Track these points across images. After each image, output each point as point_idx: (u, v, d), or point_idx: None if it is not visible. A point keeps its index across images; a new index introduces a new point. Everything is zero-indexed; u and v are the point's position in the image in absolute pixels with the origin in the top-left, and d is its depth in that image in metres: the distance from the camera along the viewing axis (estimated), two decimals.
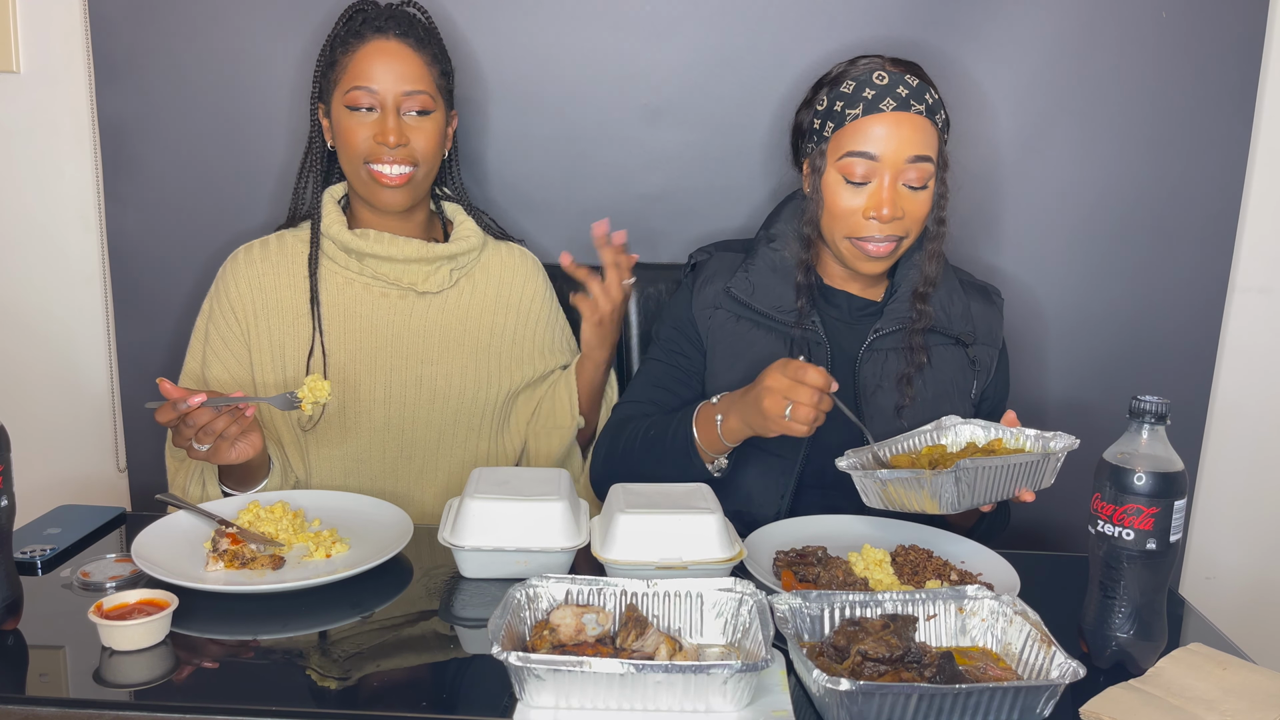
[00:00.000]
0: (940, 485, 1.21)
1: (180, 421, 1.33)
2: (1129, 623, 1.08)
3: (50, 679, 1.04)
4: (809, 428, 1.31)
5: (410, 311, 1.63)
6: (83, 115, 1.90)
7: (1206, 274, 1.89)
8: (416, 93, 1.55)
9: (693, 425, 1.44)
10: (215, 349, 1.61)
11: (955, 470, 1.20)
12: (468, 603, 1.20)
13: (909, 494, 1.25)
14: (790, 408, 1.30)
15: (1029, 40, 1.80)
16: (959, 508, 1.23)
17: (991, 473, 1.24)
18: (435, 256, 1.63)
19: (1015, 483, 1.27)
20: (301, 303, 1.61)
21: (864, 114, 1.44)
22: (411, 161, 1.56)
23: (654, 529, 1.20)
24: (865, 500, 1.30)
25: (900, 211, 1.44)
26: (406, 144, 1.55)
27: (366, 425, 1.61)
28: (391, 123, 1.53)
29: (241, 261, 1.64)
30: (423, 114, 1.56)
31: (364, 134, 1.54)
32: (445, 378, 1.64)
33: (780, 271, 1.56)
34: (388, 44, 1.55)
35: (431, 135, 1.57)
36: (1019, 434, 1.38)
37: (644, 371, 1.64)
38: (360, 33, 1.56)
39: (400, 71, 1.54)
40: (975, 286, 1.64)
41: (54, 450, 2.03)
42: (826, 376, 1.30)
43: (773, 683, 1.01)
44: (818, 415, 1.31)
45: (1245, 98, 1.83)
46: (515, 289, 1.71)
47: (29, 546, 1.28)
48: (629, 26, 1.82)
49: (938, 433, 1.42)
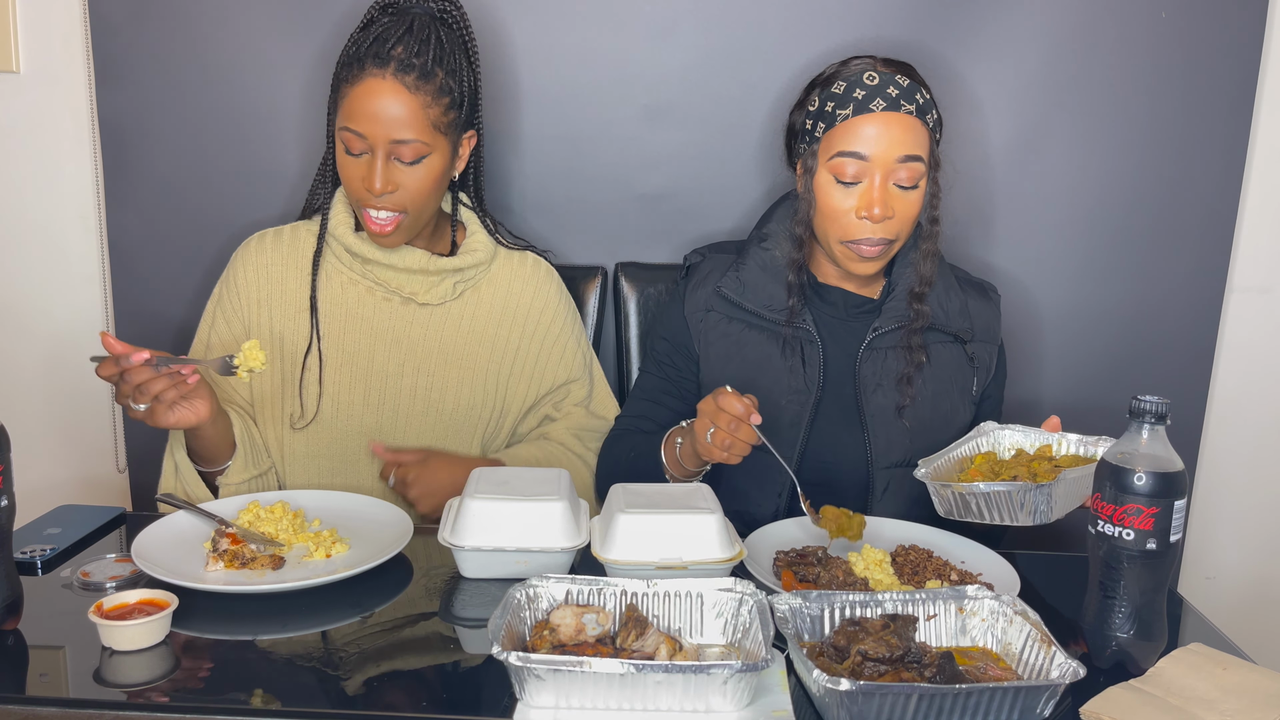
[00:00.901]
0: (1038, 499, 1.23)
1: (119, 378, 1.31)
2: (1129, 623, 1.08)
3: (50, 679, 1.04)
4: (729, 455, 1.32)
5: (411, 320, 1.61)
6: (83, 115, 1.90)
7: (1204, 274, 1.89)
8: (407, 142, 1.46)
9: (660, 451, 1.48)
10: (219, 333, 1.61)
11: (1057, 483, 1.22)
12: (468, 603, 1.20)
13: (1001, 507, 1.25)
14: (711, 432, 1.32)
15: (1028, 40, 1.80)
16: (1049, 520, 1.24)
17: (1079, 484, 1.26)
18: (439, 270, 1.60)
19: (1087, 492, 1.29)
20: (305, 298, 1.61)
21: (854, 114, 1.45)
22: (400, 208, 1.50)
23: (654, 529, 1.20)
24: (940, 510, 1.31)
25: (891, 211, 1.45)
26: (394, 190, 1.48)
27: (356, 429, 1.60)
28: (380, 168, 1.47)
29: (253, 249, 1.63)
30: (416, 160, 1.49)
31: (354, 174, 1.49)
32: (440, 390, 1.62)
33: (770, 270, 1.56)
34: (382, 84, 1.45)
35: (424, 180, 1.50)
36: (1063, 439, 1.40)
37: (639, 385, 1.67)
38: (362, 61, 1.47)
39: (392, 117, 1.45)
40: (972, 284, 1.65)
41: (54, 450, 2.03)
42: (747, 407, 1.30)
43: (773, 683, 1.01)
44: (733, 443, 1.32)
45: (1244, 97, 1.83)
46: (523, 301, 1.67)
47: (29, 546, 1.28)
48: (629, 26, 1.82)
49: (981, 440, 1.44)
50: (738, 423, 1.30)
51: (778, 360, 1.53)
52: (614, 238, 1.90)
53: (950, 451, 1.42)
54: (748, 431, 1.31)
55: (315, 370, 1.59)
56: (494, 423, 1.66)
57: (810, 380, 1.52)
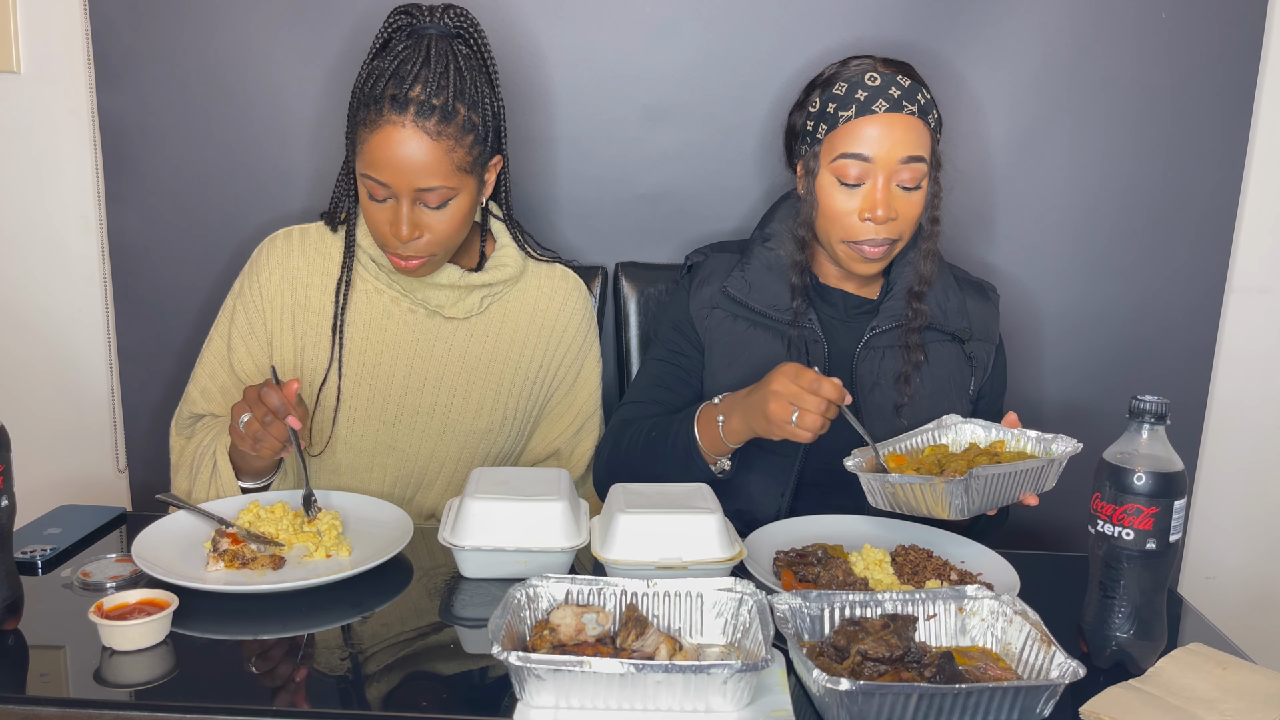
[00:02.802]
0: (951, 491, 1.21)
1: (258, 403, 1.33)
2: (1129, 622, 1.08)
3: (50, 679, 1.04)
4: (813, 435, 1.31)
5: (436, 334, 1.58)
6: (83, 115, 1.90)
7: (1204, 274, 1.90)
8: (432, 189, 1.41)
9: (694, 426, 1.44)
10: (242, 333, 1.57)
11: (967, 479, 1.20)
12: (468, 603, 1.20)
13: (919, 498, 1.25)
14: (797, 414, 1.30)
15: (1027, 40, 1.80)
16: (968, 514, 1.23)
17: (1001, 479, 1.24)
18: (467, 284, 1.56)
19: (1021, 488, 1.28)
20: (329, 306, 1.56)
21: (856, 115, 1.44)
22: (428, 251, 1.46)
23: (654, 529, 1.20)
24: (871, 502, 1.30)
25: (894, 212, 1.45)
26: (421, 236, 1.44)
27: (370, 443, 1.57)
28: (406, 214, 1.42)
29: (280, 248, 1.58)
30: (441, 205, 1.44)
31: (379, 219, 1.45)
32: (459, 410, 1.59)
33: (775, 270, 1.56)
34: (403, 132, 1.38)
35: (451, 222, 1.45)
36: (1020, 435, 1.38)
37: (645, 371, 1.64)
38: (379, 103, 1.40)
39: (416, 166, 1.39)
40: (971, 283, 1.65)
41: (54, 450, 2.03)
42: (841, 390, 1.30)
43: (773, 683, 1.01)
44: (824, 424, 1.31)
45: (1243, 97, 1.83)
46: (550, 316, 1.64)
47: (29, 546, 1.28)
48: (629, 26, 1.82)
49: (939, 432, 1.42)
50: (829, 405, 1.29)
51: (782, 359, 1.53)
52: (614, 238, 1.90)
53: (902, 441, 1.40)
54: (834, 411, 1.30)
55: (334, 384, 1.56)
56: (509, 442, 1.65)
57: None
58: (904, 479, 1.24)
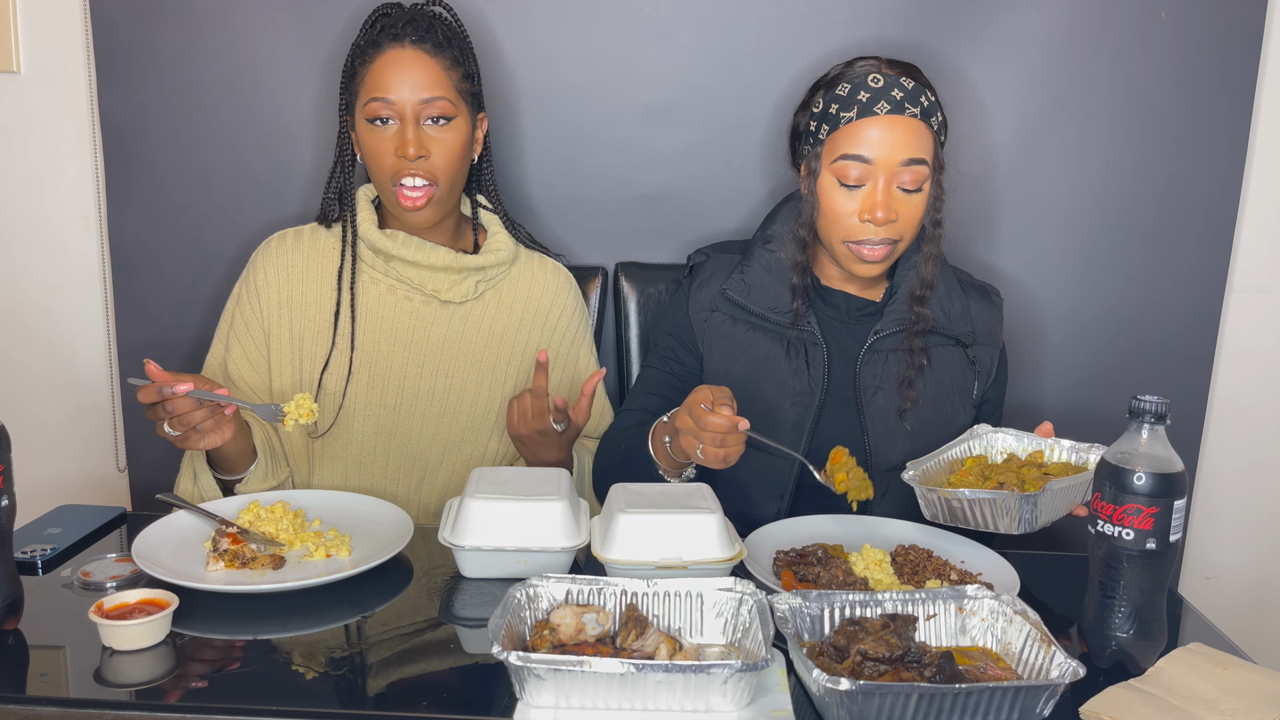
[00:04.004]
0: (1022, 506, 1.22)
1: (159, 405, 1.32)
2: (1129, 622, 1.08)
3: (51, 679, 1.04)
4: (724, 464, 1.30)
5: (433, 319, 1.61)
6: (83, 115, 1.90)
7: (1204, 274, 1.89)
8: (435, 99, 1.51)
9: (648, 443, 1.44)
10: (238, 334, 1.62)
11: (1041, 494, 1.21)
12: (468, 603, 1.20)
13: (984, 513, 1.25)
14: (700, 449, 1.30)
15: (1028, 41, 1.80)
16: (1034, 528, 1.24)
17: (1066, 493, 1.26)
18: (463, 267, 1.61)
19: (1075, 500, 1.29)
20: (326, 298, 1.61)
21: (858, 117, 1.44)
22: (431, 178, 1.52)
23: (654, 529, 1.20)
24: (926, 514, 1.30)
25: (894, 214, 1.45)
26: (427, 156, 1.51)
27: (372, 429, 1.60)
28: (411, 134, 1.50)
29: (274, 250, 1.63)
30: (443, 121, 1.52)
31: (386, 149, 1.51)
32: (459, 392, 1.62)
33: (775, 273, 1.56)
34: (403, 52, 1.51)
35: (453, 146, 1.53)
36: (1055, 445, 1.39)
37: (641, 379, 1.65)
38: (377, 42, 1.53)
39: (417, 79, 1.50)
40: (974, 286, 1.65)
41: (54, 450, 2.03)
42: (730, 420, 1.27)
43: (773, 683, 1.01)
44: (728, 454, 1.29)
45: (1243, 98, 1.83)
46: (543, 305, 1.68)
47: (29, 546, 1.28)
48: (629, 26, 1.82)
49: (973, 443, 1.43)
50: (721, 437, 1.28)
51: (782, 362, 1.53)
52: (614, 238, 1.90)
53: (941, 454, 1.41)
54: (736, 438, 1.29)
55: (335, 374, 1.59)
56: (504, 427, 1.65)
57: (814, 383, 1.52)
58: (975, 494, 1.24)
